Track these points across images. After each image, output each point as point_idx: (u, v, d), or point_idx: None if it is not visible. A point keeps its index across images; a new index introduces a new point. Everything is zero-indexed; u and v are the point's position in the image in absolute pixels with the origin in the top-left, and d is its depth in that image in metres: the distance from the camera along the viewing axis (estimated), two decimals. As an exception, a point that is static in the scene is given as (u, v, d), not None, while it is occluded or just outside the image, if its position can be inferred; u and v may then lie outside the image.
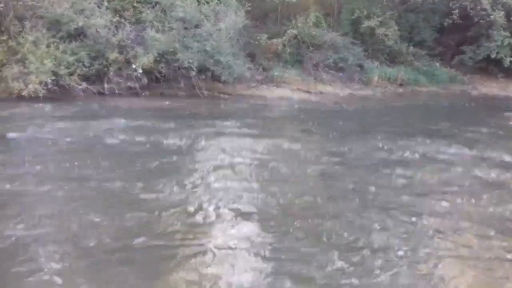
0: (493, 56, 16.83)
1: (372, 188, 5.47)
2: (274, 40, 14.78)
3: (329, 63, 15.01)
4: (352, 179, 5.79)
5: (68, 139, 6.97)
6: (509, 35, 16.51)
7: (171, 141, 7.19)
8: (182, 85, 12.07)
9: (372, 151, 7.26)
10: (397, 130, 9.31)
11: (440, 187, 5.69)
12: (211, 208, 4.50)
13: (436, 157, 7.13)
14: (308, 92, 13.37)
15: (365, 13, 16.27)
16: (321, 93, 13.50)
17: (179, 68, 11.81)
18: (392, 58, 16.85)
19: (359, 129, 9.31)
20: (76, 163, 5.80)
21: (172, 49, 11.65)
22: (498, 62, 17.16)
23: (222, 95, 12.44)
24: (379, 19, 16.12)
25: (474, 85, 17.07)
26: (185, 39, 11.98)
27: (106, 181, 5.16)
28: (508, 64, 16.90)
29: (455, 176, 6.18)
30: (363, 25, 16.14)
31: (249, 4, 13.47)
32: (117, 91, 11.29)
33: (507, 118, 11.11)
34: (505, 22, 16.25)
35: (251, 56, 14.26)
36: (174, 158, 6.29)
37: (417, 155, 7.15)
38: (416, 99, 13.84)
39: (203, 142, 7.19)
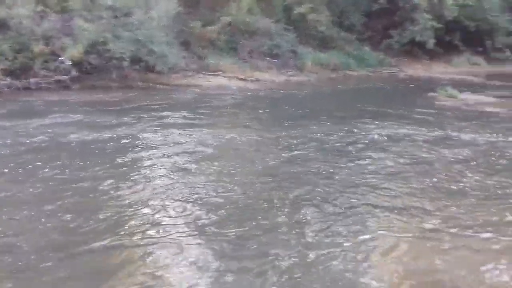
0: (417, 39, 17.75)
1: (340, 173, 5.45)
2: (209, 28, 14.65)
3: (264, 50, 15.13)
4: (311, 164, 5.73)
5: (20, 139, 6.51)
6: (431, 17, 17.45)
7: (122, 135, 6.90)
8: (115, 77, 11.60)
9: (330, 136, 7.26)
10: (342, 114, 9.48)
11: (412, 167, 5.74)
12: (171, 205, 4.34)
13: (397, 138, 7.25)
14: (244, 80, 13.38)
15: (297, -1, 16.53)
16: (257, 80, 13.57)
17: (110, 59, 11.35)
18: (324, 44, 17.28)
19: (305, 115, 9.31)
20: (38, 164, 5.45)
21: (102, 39, 11.18)
22: (422, 45, 18.13)
23: (157, 85, 12.12)
24: (310, 5, 16.44)
25: (401, 68, 17.93)
26: (115, 28, 11.53)
27: (73, 181, 4.90)
28: (431, 46, 17.92)
29: (424, 155, 6.32)
30: (294, 12, 16.38)
31: (181, -9, 13.23)
32: (44, 85, 10.68)
33: (431, 98, 11.74)
34: (428, 6, 17.16)
35: (186, 45, 14.03)
36: (131, 154, 6.03)
37: (377, 137, 7.26)
38: (349, 83, 14.31)
39: (154, 136, 6.93)
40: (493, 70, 18.64)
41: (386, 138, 7.27)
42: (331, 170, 5.54)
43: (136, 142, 6.64)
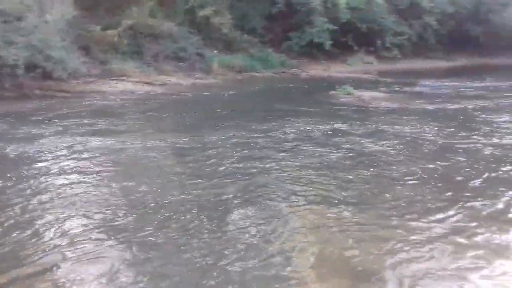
0: (315, 40, 18.70)
1: (275, 168, 5.59)
2: (109, 31, 14.15)
3: (169, 53, 14.97)
4: (244, 163, 5.74)
5: None
6: (327, 20, 18.48)
7: (20, 149, 6.46)
8: (8, 85, 10.72)
9: (258, 135, 7.34)
10: (261, 114, 9.67)
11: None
12: (69, 220, 4.15)
13: (323, 133, 7.61)
14: (151, 84, 13.10)
15: (198, 2, 16.58)
16: (164, 84, 13.36)
17: (2, 67, 10.47)
18: (229, 46, 17.55)
19: (223, 117, 9.20)
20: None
21: (-8, 46, 10.30)
22: (320, 46, 19.13)
23: (58, 93, 11.38)
24: (213, 8, 16.60)
25: (303, 68, 18.74)
26: (6, 33, 10.66)
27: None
28: (328, 47, 18.99)
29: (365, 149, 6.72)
30: (198, 15, 16.43)
31: (77, -6, 12.62)
32: None
33: (333, 96, 12.42)
34: (323, 9, 18.16)
35: (85, 49, 13.43)
36: (33, 168, 5.64)
37: (313, 135, 7.53)
38: (256, 84, 14.60)
39: (61, 146, 6.53)
40: (383, 68, 20.27)
41: (313, 133, 7.65)
42: (267, 166, 5.72)
43: (43, 153, 6.25)
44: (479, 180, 5.38)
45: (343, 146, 6.86)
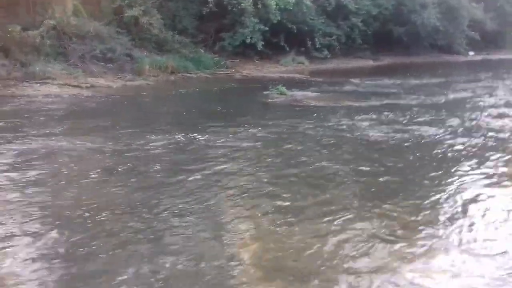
0: (248, 41, 18.79)
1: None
2: (30, 32, 13.35)
3: (96, 54, 14.37)
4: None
5: None
6: (258, 21, 18.64)
7: None
8: None
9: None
10: (193, 117, 9.48)
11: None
12: None
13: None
14: (78, 86, 12.46)
15: (126, 1, 16.11)
16: (92, 86, 12.75)
17: None
18: (160, 47, 17.17)
19: (158, 121, 8.89)
20: None
21: None
22: (253, 46, 19.26)
23: (-28, 98, 10.59)
24: (142, 7, 16.19)
25: (237, 69, 18.75)
26: None
27: None
28: (261, 47, 19.18)
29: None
30: (126, 14, 15.95)
31: (-9, -8, 11.82)
32: None
33: (267, 96, 12.53)
34: (254, 10, 18.28)
35: (4, 51, 12.63)
36: None
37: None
38: (190, 85, 14.29)
39: None
40: (315, 68, 20.80)
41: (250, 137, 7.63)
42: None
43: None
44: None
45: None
